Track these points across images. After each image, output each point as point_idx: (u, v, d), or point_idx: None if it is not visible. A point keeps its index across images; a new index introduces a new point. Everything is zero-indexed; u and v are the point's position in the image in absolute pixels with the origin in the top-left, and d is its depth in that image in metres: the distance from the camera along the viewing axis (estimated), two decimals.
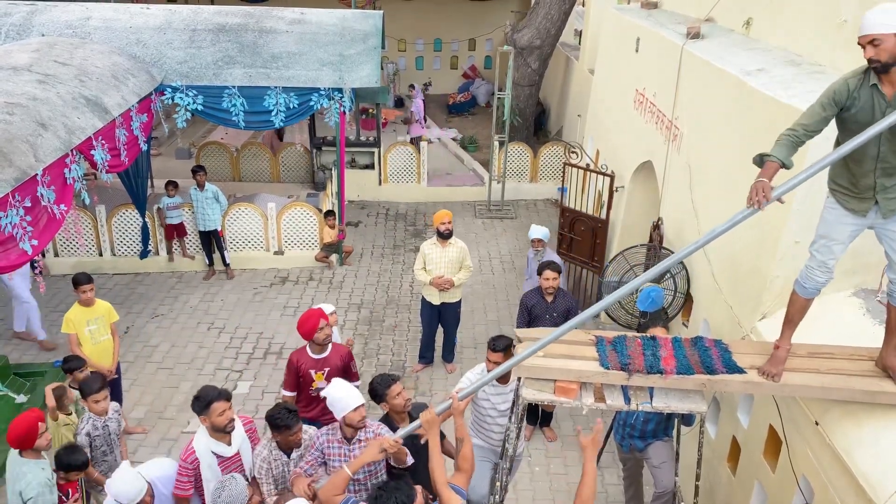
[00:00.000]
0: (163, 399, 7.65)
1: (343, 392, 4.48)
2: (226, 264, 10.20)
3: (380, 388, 4.74)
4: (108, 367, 6.59)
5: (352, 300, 9.70)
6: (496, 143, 12.43)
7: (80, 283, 6.50)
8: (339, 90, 9.47)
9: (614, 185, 8.60)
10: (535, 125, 15.37)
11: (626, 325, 7.15)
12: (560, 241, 9.37)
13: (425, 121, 16.22)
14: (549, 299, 6.67)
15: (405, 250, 11.13)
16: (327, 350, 5.68)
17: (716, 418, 5.95)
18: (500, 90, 12.16)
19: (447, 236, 7.56)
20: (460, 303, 7.97)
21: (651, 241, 7.57)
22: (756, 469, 5.07)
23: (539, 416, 7.19)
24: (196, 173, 9.77)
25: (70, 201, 6.77)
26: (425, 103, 16.63)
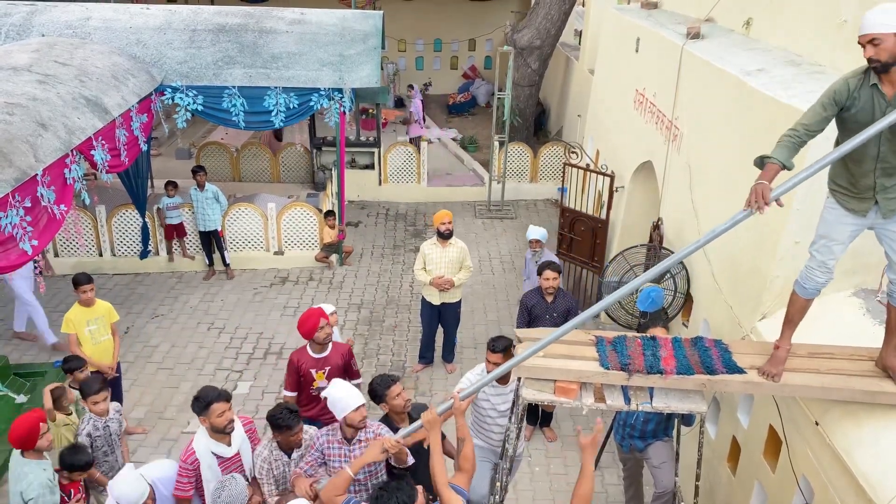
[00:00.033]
0: (163, 399, 7.66)
1: (343, 392, 4.48)
2: (226, 264, 10.20)
3: (379, 389, 4.73)
4: (108, 364, 6.60)
5: (352, 300, 9.70)
6: (496, 144, 12.43)
7: (80, 283, 6.51)
8: (339, 90, 9.47)
9: (614, 185, 8.60)
10: (535, 125, 15.37)
11: (626, 325, 7.15)
12: (560, 241, 9.37)
13: (424, 121, 16.22)
14: (549, 299, 6.67)
15: (405, 250, 11.13)
16: (328, 349, 5.68)
17: (716, 418, 5.95)
18: (500, 90, 12.16)
19: (447, 236, 7.56)
20: (460, 303, 7.97)
21: (651, 241, 7.57)
22: (756, 469, 5.07)
23: (539, 417, 7.19)
24: (196, 173, 9.77)
25: (70, 201, 6.77)
26: (424, 103, 16.63)
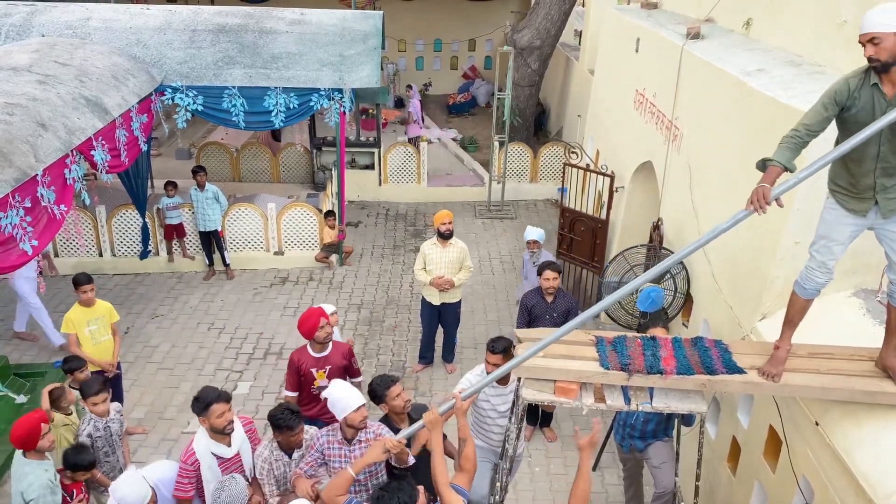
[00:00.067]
0: (163, 399, 7.66)
1: (343, 393, 4.47)
2: (226, 265, 10.20)
3: (379, 389, 4.72)
4: (108, 360, 6.60)
5: (352, 300, 9.70)
6: (496, 144, 12.43)
7: (80, 283, 6.50)
8: (339, 90, 9.47)
9: (614, 185, 8.60)
10: (535, 125, 15.37)
11: (626, 325, 7.15)
12: (560, 241, 9.37)
13: (423, 121, 16.22)
14: (550, 299, 6.67)
15: (405, 250, 11.13)
16: (328, 348, 5.69)
17: (716, 418, 5.95)
18: (500, 90, 12.16)
19: (448, 237, 7.56)
20: (460, 303, 7.97)
21: (651, 241, 7.57)
22: (756, 469, 5.07)
23: (539, 417, 7.19)
24: (196, 174, 9.77)
25: (70, 202, 6.77)
26: (422, 103, 16.61)
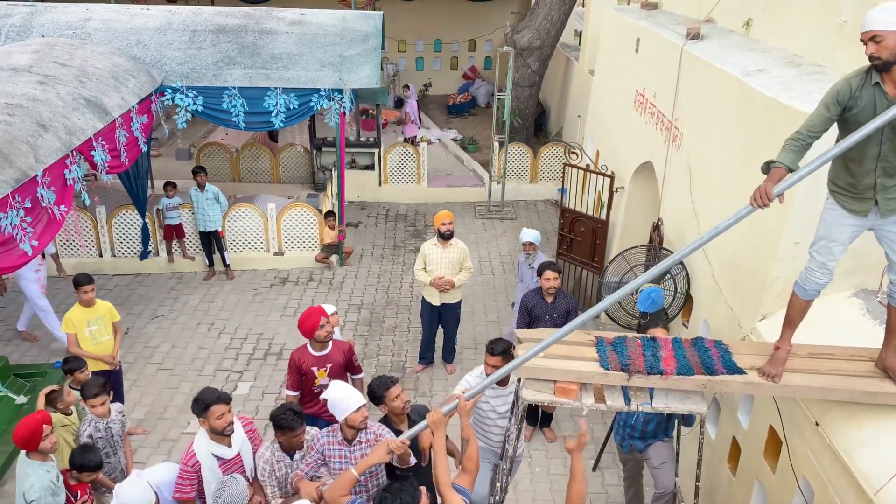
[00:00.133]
0: (163, 400, 7.66)
1: (344, 393, 4.47)
2: (226, 265, 10.20)
3: (378, 390, 4.72)
4: (109, 353, 6.60)
5: (352, 301, 9.70)
6: (496, 144, 12.44)
7: (80, 283, 6.50)
8: (339, 91, 9.47)
9: (614, 185, 8.60)
10: (535, 126, 15.36)
11: (627, 325, 7.15)
12: (560, 241, 9.37)
13: (420, 121, 16.21)
14: (550, 300, 6.67)
15: (405, 251, 11.13)
16: (328, 347, 5.70)
17: (716, 419, 5.94)
18: (500, 91, 12.16)
19: (448, 237, 7.56)
20: (460, 303, 7.97)
21: (651, 241, 7.57)
22: (756, 470, 5.07)
23: (539, 417, 7.19)
24: (196, 174, 9.77)
25: (70, 202, 6.78)
26: (422, 104, 16.59)
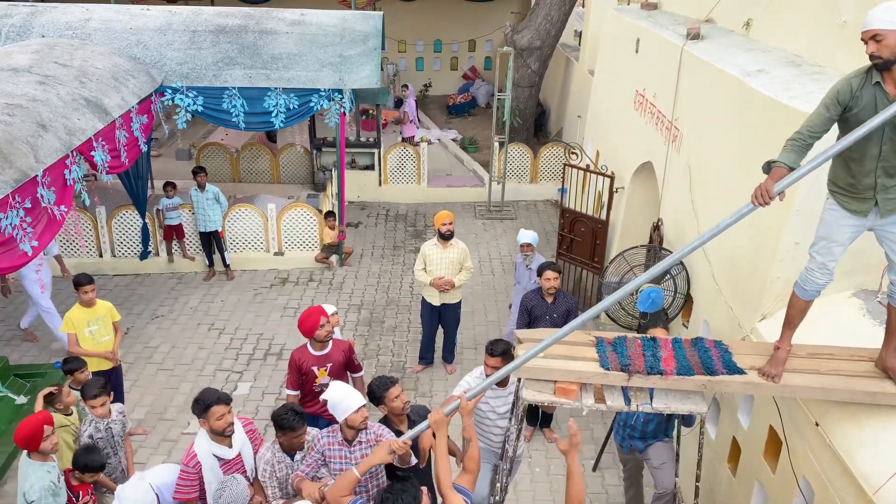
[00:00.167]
0: (163, 400, 7.65)
1: (343, 394, 4.47)
2: (226, 265, 10.20)
3: (378, 391, 4.71)
4: (109, 350, 6.59)
5: (352, 301, 9.70)
6: (496, 144, 12.44)
7: (81, 283, 6.50)
8: (339, 91, 9.47)
9: (614, 185, 8.60)
10: (535, 126, 15.37)
11: (627, 325, 7.15)
12: (560, 241, 9.37)
13: (418, 121, 16.19)
14: (550, 300, 6.66)
15: (405, 251, 11.13)
16: (328, 346, 5.71)
17: (716, 419, 5.94)
18: (500, 91, 12.16)
19: (448, 237, 7.56)
20: (460, 304, 7.97)
21: (651, 241, 7.57)
22: (756, 470, 5.07)
23: (539, 418, 7.19)
24: (196, 174, 9.77)
25: (70, 202, 6.78)
26: (423, 104, 16.57)
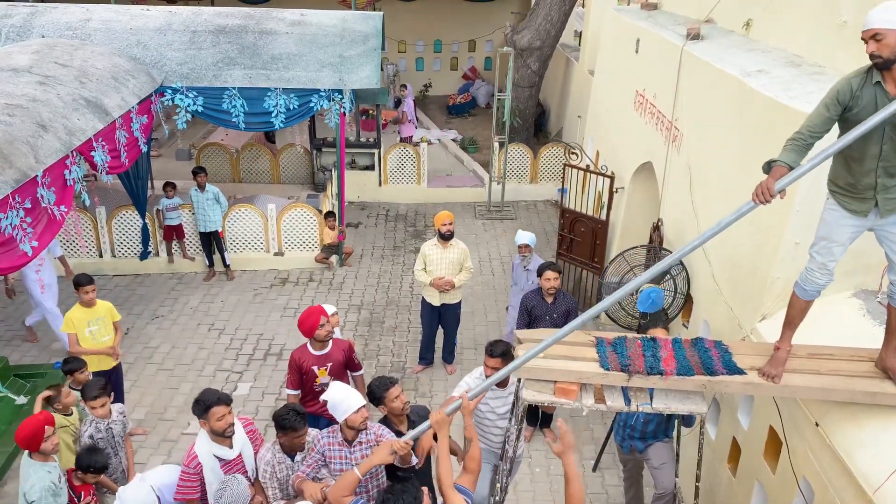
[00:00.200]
0: (163, 400, 7.65)
1: (343, 394, 4.47)
2: (226, 265, 10.19)
3: (378, 391, 4.71)
4: (109, 347, 6.59)
5: (352, 301, 9.70)
6: (496, 144, 12.44)
7: (81, 283, 6.50)
8: (339, 91, 9.47)
9: (614, 186, 8.60)
10: (535, 126, 15.37)
11: (627, 326, 7.15)
12: (560, 241, 9.37)
13: (416, 120, 16.20)
14: (550, 300, 6.66)
15: (405, 251, 11.13)
16: (328, 346, 5.71)
17: (716, 419, 5.94)
18: (500, 91, 12.17)
19: (448, 237, 7.56)
20: (460, 304, 7.97)
21: (651, 242, 7.57)
22: (756, 470, 5.07)
23: (539, 418, 7.18)
24: (197, 175, 9.77)
25: (70, 203, 6.78)
26: (423, 104, 16.55)
